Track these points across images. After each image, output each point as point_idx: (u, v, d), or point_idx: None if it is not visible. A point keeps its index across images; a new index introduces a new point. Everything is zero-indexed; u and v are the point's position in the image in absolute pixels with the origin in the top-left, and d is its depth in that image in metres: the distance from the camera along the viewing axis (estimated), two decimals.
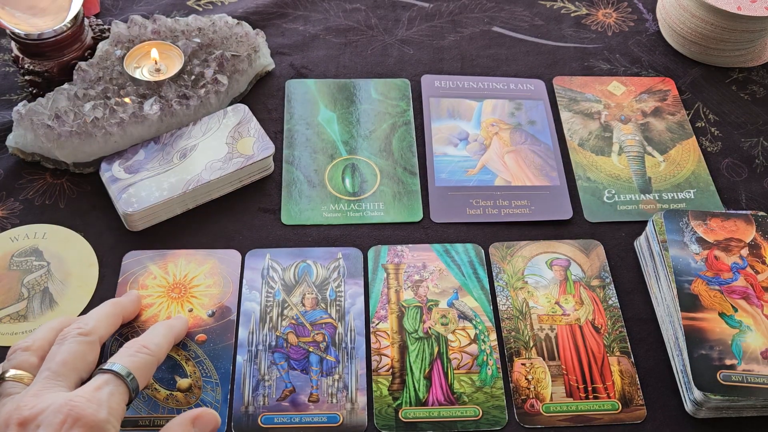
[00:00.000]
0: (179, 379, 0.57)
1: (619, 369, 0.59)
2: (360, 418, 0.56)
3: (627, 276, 0.66)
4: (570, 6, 0.91)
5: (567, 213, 0.70)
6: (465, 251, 0.66)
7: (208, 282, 0.63)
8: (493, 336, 0.61)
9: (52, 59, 0.72)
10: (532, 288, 0.64)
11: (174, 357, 0.58)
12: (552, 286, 0.64)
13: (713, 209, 0.70)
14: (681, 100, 0.81)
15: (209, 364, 0.58)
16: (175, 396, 0.56)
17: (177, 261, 0.64)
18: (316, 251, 0.66)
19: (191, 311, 0.61)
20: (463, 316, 0.62)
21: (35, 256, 0.64)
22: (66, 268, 0.63)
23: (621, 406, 0.58)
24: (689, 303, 0.58)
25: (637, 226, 0.69)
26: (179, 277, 0.63)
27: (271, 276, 0.64)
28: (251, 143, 0.69)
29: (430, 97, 0.79)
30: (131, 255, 0.64)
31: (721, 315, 0.58)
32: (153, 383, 0.57)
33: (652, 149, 0.76)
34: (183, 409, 0.56)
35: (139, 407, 0.56)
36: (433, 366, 0.59)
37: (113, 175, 0.66)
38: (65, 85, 0.69)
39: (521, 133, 0.76)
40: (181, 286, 0.62)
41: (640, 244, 0.67)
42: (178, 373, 0.58)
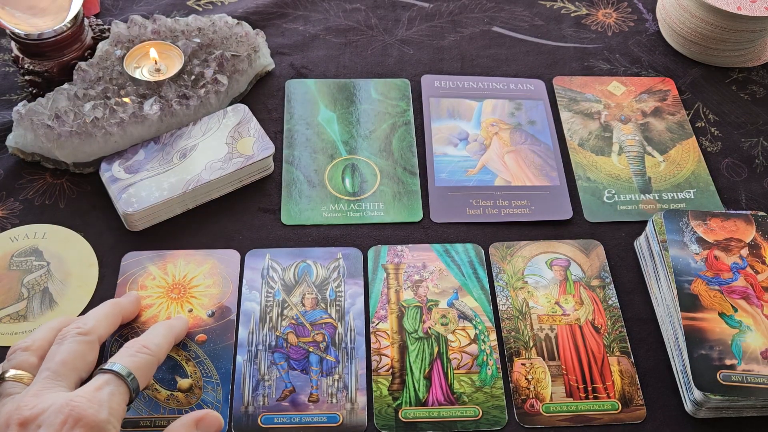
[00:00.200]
0: (180, 380, 0.57)
1: (619, 369, 0.60)
2: (360, 418, 0.56)
3: (627, 276, 0.66)
4: (570, 6, 0.91)
5: (567, 213, 0.70)
6: (465, 251, 0.66)
7: (207, 282, 0.63)
8: (493, 336, 0.61)
9: (52, 59, 0.72)
10: (532, 288, 0.64)
11: (174, 357, 0.58)
12: (552, 286, 0.64)
13: (713, 209, 0.70)
14: (681, 100, 0.81)
15: (210, 364, 0.58)
16: (176, 396, 0.57)
17: (176, 261, 0.64)
18: (316, 251, 0.66)
19: (191, 311, 0.61)
20: (463, 316, 0.62)
21: (35, 256, 0.64)
22: (66, 268, 0.63)
23: (621, 406, 0.58)
24: (689, 303, 0.58)
25: (637, 226, 0.69)
26: (178, 278, 0.63)
27: (271, 276, 0.64)
28: (251, 143, 0.69)
29: (430, 97, 0.79)
30: (130, 256, 0.64)
31: (721, 315, 0.58)
32: (153, 384, 0.57)
33: (652, 149, 0.76)
34: (184, 410, 0.56)
35: (140, 408, 0.56)
36: (433, 366, 0.59)
37: (113, 175, 0.66)
38: (65, 85, 0.69)
39: (521, 133, 0.76)
40: (181, 286, 0.62)
41: (640, 244, 0.67)
42: (178, 374, 0.58)
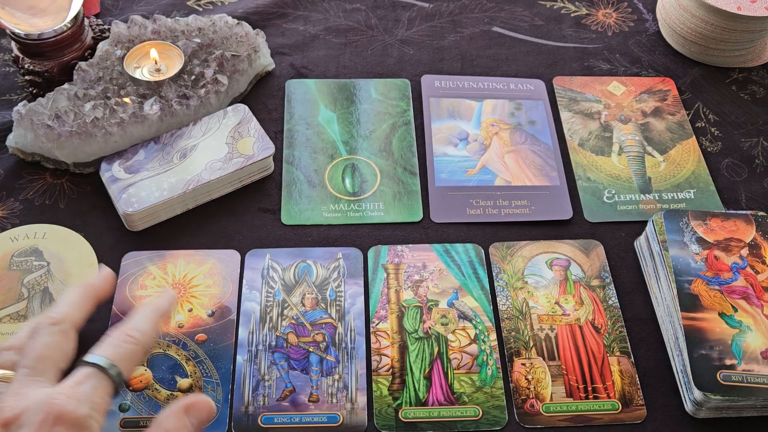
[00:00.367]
0: (180, 379, 0.57)
1: (619, 369, 0.59)
2: (360, 418, 0.56)
3: (627, 276, 0.66)
4: (570, 6, 0.91)
5: (567, 213, 0.70)
6: (465, 251, 0.66)
7: (207, 282, 0.63)
8: (493, 336, 0.61)
9: (52, 59, 0.72)
10: (532, 288, 0.64)
11: (174, 357, 0.58)
12: (552, 286, 0.64)
13: (713, 209, 0.70)
14: (681, 100, 0.81)
15: (209, 364, 0.58)
16: (176, 396, 0.56)
17: (176, 261, 0.64)
18: (316, 251, 0.66)
19: (191, 311, 0.61)
20: (463, 316, 0.62)
21: (35, 256, 0.64)
22: (66, 268, 0.63)
23: (621, 406, 0.58)
24: (689, 303, 0.58)
25: (637, 226, 0.69)
26: (178, 278, 0.63)
27: (271, 276, 0.64)
28: (251, 143, 0.69)
29: (430, 97, 0.79)
30: (130, 256, 0.64)
31: (721, 315, 0.58)
32: (153, 384, 0.57)
33: (652, 149, 0.76)
34: None
35: (140, 408, 0.56)
36: (433, 366, 0.59)
37: (113, 175, 0.66)
38: (65, 85, 0.69)
39: (521, 133, 0.76)
40: (181, 286, 0.62)
41: (640, 244, 0.67)
42: (178, 373, 0.58)
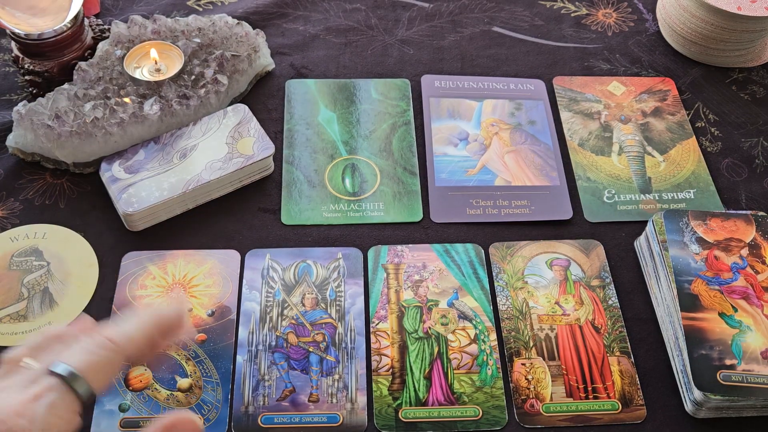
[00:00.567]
0: (180, 379, 0.57)
1: (619, 369, 0.59)
2: (360, 418, 0.56)
3: (627, 276, 0.66)
4: (570, 6, 0.91)
5: (567, 213, 0.70)
6: (465, 251, 0.66)
7: (207, 282, 0.63)
8: (493, 336, 0.61)
9: (52, 59, 0.72)
10: (532, 288, 0.64)
11: (174, 357, 0.58)
12: (552, 286, 0.64)
13: (713, 209, 0.70)
14: (681, 100, 0.81)
15: (209, 363, 0.58)
16: (176, 396, 0.56)
17: (176, 261, 0.64)
18: (316, 251, 0.66)
19: (191, 311, 0.61)
20: (463, 316, 0.62)
21: (35, 256, 0.64)
22: (66, 268, 0.63)
23: (621, 406, 0.58)
24: (689, 303, 0.58)
25: (637, 226, 0.69)
26: (178, 277, 0.63)
27: (271, 276, 0.64)
28: (251, 143, 0.69)
29: (430, 97, 0.79)
30: (130, 256, 0.64)
31: (721, 315, 0.58)
32: (153, 383, 0.57)
33: (652, 149, 0.76)
34: (184, 410, 0.56)
35: (140, 408, 0.56)
36: (433, 366, 0.59)
37: (113, 175, 0.66)
38: (65, 85, 0.69)
39: (521, 133, 0.76)
40: (181, 286, 0.62)
41: (640, 244, 0.67)
42: (178, 373, 0.58)
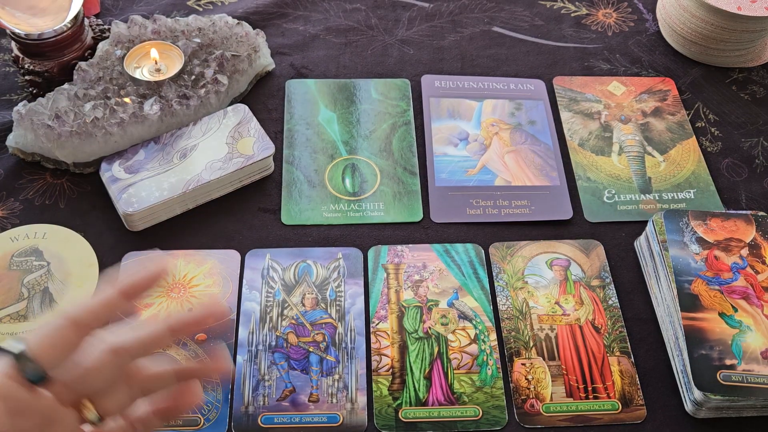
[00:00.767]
0: None
1: (619, 369, 0.59)
2: (360, 418, 0.56)
3: (627, 276, 0.66)
4: (570, 6, 0.91)
5: (567, 213, 0.70)
6: (465, 251, 0.66)
7: (207, 282, 0.63)
8: (493, 336, 0.61)
9: (52, 59, 0.72)
10: (532, 288, 0.64)
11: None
12: (552, 286, 0.64)
13: (713, 209, 0.70)
14: (681, 100, 0.80)
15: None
16: None
17: (176, 261, 0.64)
18: (316, 251, 0.66)
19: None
20: (463, 316, 0.62)
21: (35, 256, 0.64)
22: (66, 268, 0.63)
23: (621, 406, 0.58)
24: (689, 303, 0.58)
25: (637, 226, 0.69)
26: (178, 278, 0.63)
27: (271, 276, 0.64)
28: (251, 143, 0.69)
29: (430, 97, 0.79)
30: (130, 256, 0.64)
31: (721, 315, 0.58)
32: None
33: (652, 149, 0.75)
34: None
35: None
36: (433, 366, 0.59)
37: (113, 175, 0.66)
38: (65, 85, 0.69)
39: (521, 133, 0.76)
40: (181, 286, 0.62)
41: (640, 244, 0.67)
42: None
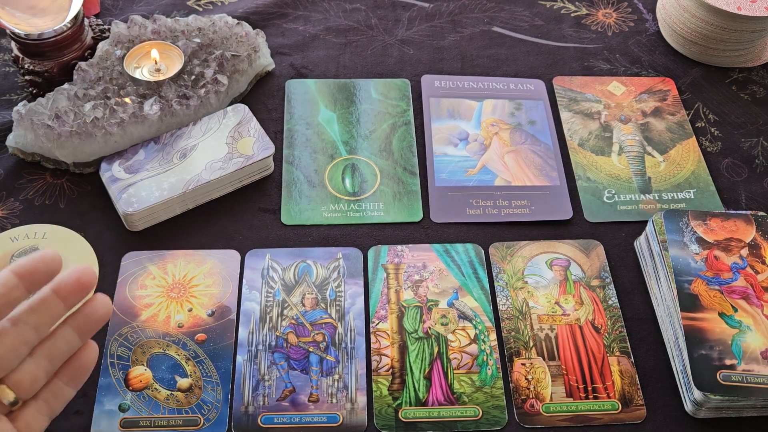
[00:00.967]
0: (180, 379, 0.57)
1: (619, 369, 0.59)
2: (360, 418, 0.56)
3: (627, 276, 0.66)
4: (570, 6, 0.91)
5: (567, 213, 0.70)
6: (465, 251, 0.66)
7: (207, 282, 0.63)
8: (493, 336, 0.61)
9: (52, 59, 0.72)
10: (532, 288, 0.64)
11: (174, 357, 0.58)
12: (552, 286, 0.64)
13: (713, 209, 0.70)
14: (681, 100, 0.81)
15: (209, 363, 0.58)
16: (176, 396, 0.56)
17: (176, 261, 0.64)
18: (316, 251, 0.66)
19: (191, 311, 0.61)
20: (463, 316, 0.62)
21: None
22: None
23: (621, 406, 0.58)
24: (689, 303, 0.58)
25: (637, 226, 0.69)
26: (178, 277, 0.63)
27: (271, 276, 0.64)
28: (251, 143, 0.69)
29: (430, 97, 0.79)
30: (130, 256, 0.64)
31: (721, 315, 0.58)
32: (153, 383, 0.57)
33: (652, 149, 0.76)
34: (184, 410, 0.56)
35: (140, 408, 0.56)
36: (433, 366, 0.59)
37: (113, 175, 0.66)
38: (65, 85, 0.69)
39: (521, 133, 0.76)
40: (180, 285, 0.62)
41: (640, 244, 0.67)
42: (178, 373, 0.58)
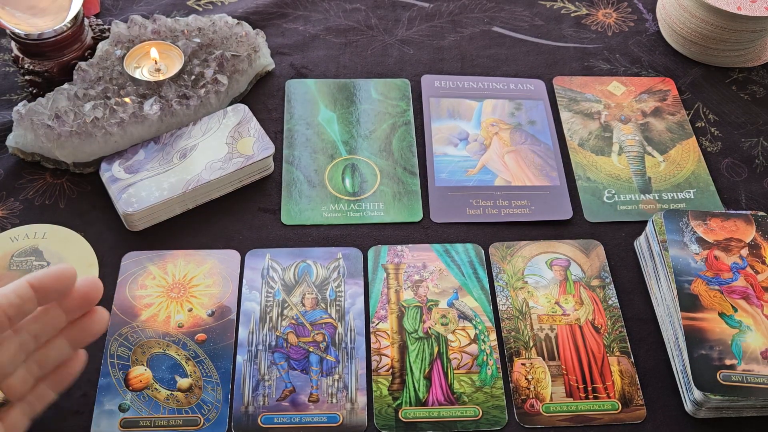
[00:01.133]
0: (180, 379, 0.57)
1: (619, 369, 0.59)
2: (360, 418, 0.56)
3: (627, 276, 0.66)
4: (570, 6, 0.91)
5: (567, 213, 0.70)
6: (465, 251, 0.66)
7: (207, 282, 0.63)
8: (493, 336, 0.61)
9: (52, 59, 0.72)
10: (532, 288, 0.64)
11: (174, 357, 0.58)
12: (552, 286, 0.64)
13: (713, 209, 0.70)
14: (681, 100, 0.81)
15: (209, 363, 0.58)
16: (176, 396, 0.56)
17: (176, 261, 0.64)
18: (316, 251, 0.66)
19: (191, 311, 0.61)
20: (463, 316, 0.62)
21: (35, 256, 0.64)
22: None
23: (621, 406, 0.58)
24: (689, 303, 0.58)
25: (637, 226, 0.69)
26: (178, 277, 0.63)
27: (271, 276, 0.64)
28: (251, 143, 0.69)
29: (430, 97, 0.79)
30: (130, 256, 0.64)
31: (721, 315, 0.58)
32: (153, 383, 0.57)
33: (652, 149, 0.76)
34: (184, 410, 0.56)
35: (140, 408, 0.56)
36: (433, 366, 0.59)
37: (113, 175, 0.66)
38: (65, 85, 0.69)
39: (521, 133, 0.76)
40: (180, 285, 0.62)
41: (640, 244, 0.67)
42: (178, 373, 0.58)
